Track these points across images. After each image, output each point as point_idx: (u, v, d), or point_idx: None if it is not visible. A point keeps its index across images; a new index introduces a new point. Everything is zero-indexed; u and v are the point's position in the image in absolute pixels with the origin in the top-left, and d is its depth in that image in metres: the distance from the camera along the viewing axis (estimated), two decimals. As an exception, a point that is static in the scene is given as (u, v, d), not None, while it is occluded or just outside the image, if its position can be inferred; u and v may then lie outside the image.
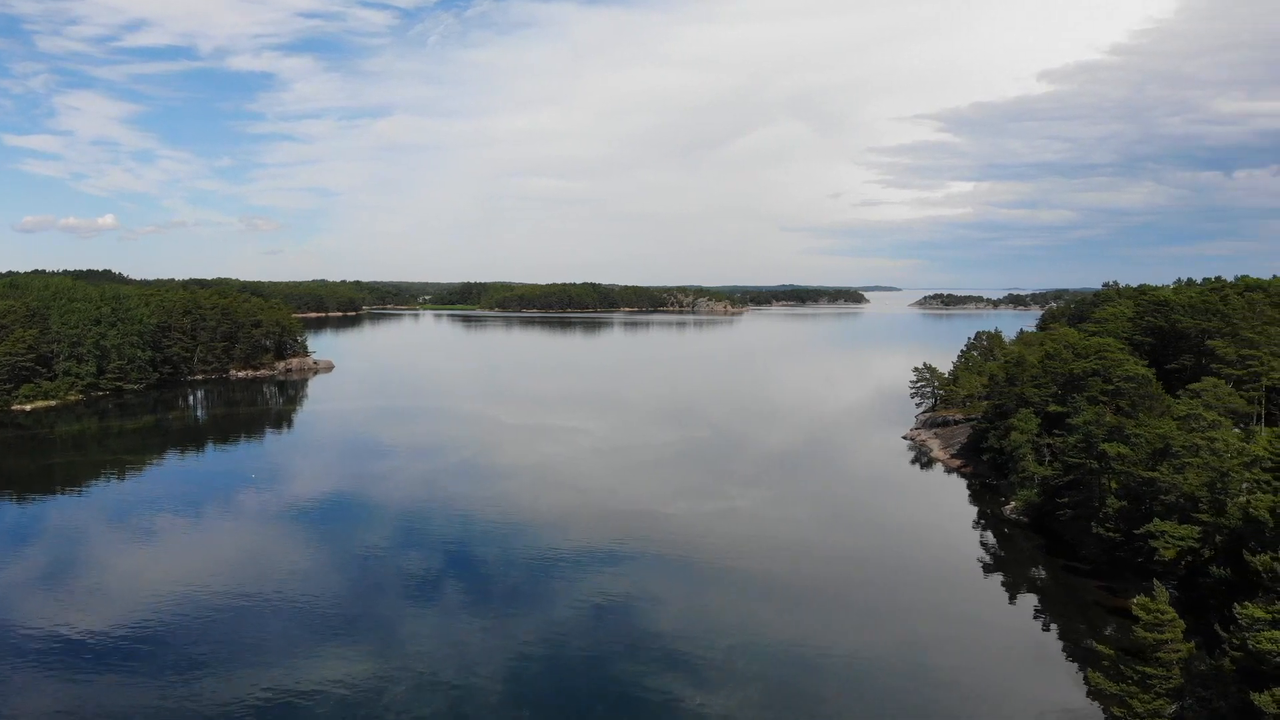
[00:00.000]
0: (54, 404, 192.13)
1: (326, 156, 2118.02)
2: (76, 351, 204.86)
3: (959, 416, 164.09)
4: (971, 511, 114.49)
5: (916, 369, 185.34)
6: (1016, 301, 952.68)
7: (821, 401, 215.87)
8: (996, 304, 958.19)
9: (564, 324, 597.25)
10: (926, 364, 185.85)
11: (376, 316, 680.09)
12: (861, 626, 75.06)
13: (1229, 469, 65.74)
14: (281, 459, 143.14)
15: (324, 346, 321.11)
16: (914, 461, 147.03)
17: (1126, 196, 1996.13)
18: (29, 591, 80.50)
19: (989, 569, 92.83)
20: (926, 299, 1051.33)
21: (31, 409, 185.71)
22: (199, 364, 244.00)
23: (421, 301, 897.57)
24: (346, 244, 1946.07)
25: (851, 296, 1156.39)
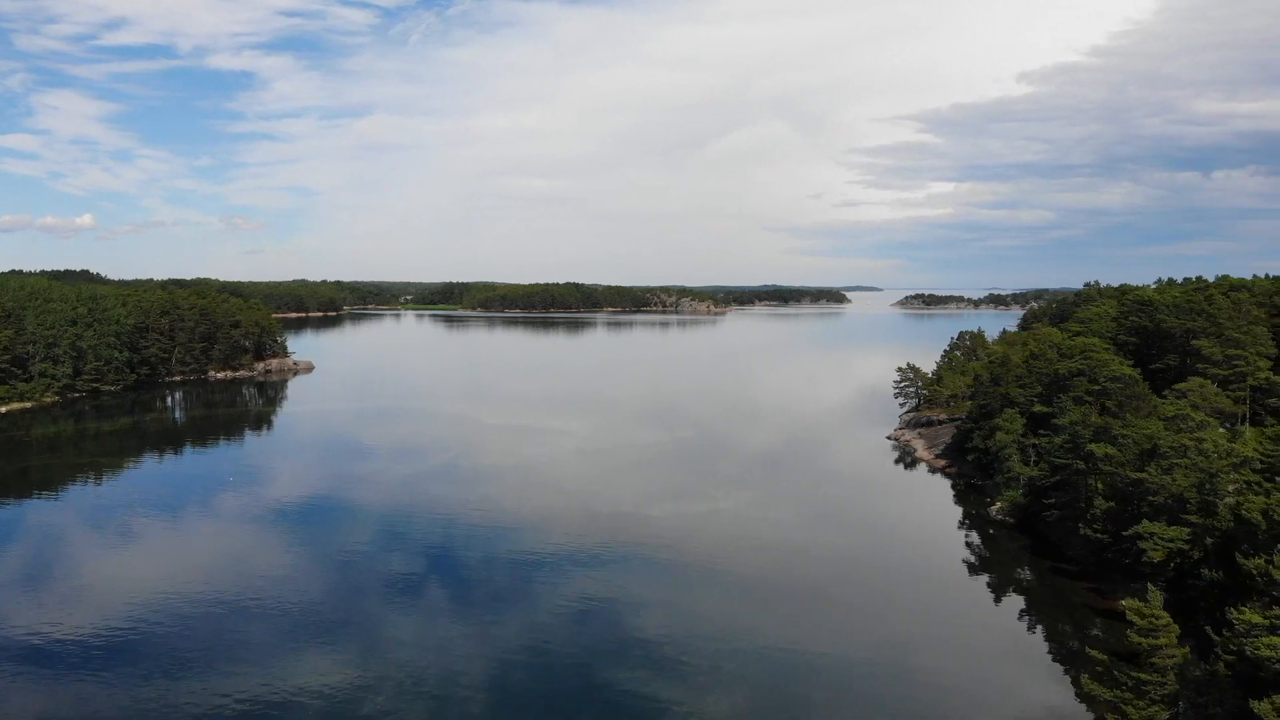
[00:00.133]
0: (29, 406, 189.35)
1: (307, 156, 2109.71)
2: (52, 353, 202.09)
3: (943, 416, 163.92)
4: (957, 512, 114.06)
5: (900, 369, 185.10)
6: (997, 301, 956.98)
7: (805, 401, 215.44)
8: (977, 304, 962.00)
9: (547, 324, 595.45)
10: (910, 364, 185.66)
11: (357, 317, 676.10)
12: (848, 628, 74.52)
13: (1217, 470, 65.36)
14: (261, 461, 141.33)
15: (304, 347, 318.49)
16: (898, 462, 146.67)
17: (1105, 197, 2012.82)
18: (6, 596, 78.78)
19: (976, 570, 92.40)
20: (908, 299, 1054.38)
21: (6, 411, 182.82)
22: (177, 365, 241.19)
23: (403, 301, 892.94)
24: (327, 244, 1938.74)
25: (833, 296, 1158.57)
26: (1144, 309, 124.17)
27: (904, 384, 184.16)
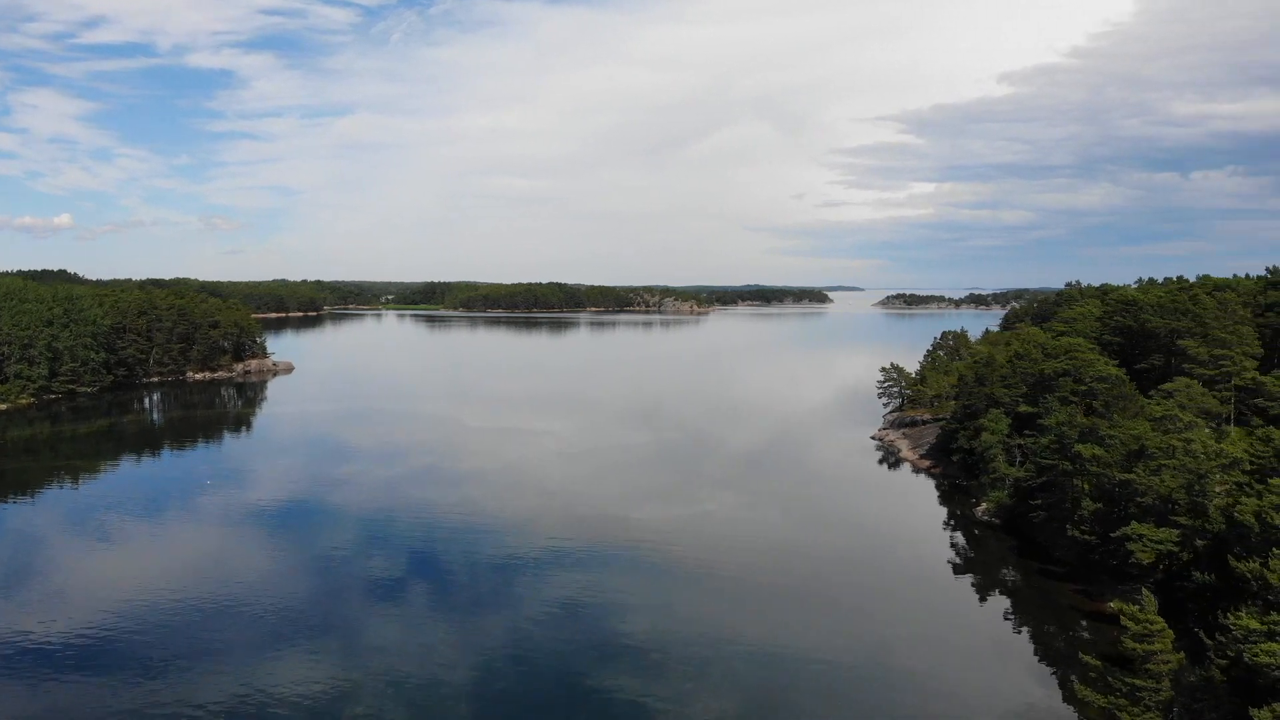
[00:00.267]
0: (4, 408, 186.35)
1: (287, 155, 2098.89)
2: (28, 354, 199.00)
3: (927, 416, 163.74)
4: (942, 513, 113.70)
5: (884, 369, 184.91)
6: (978, 301, 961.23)
7: (789, 401, 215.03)
8: (958, 304, 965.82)
9: (529, 324, 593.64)
10: (894, 364, 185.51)
11: (338, 317, 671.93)
12: (834, 629, 73.92)
13: (1206, 471, 64.99)
14: (240, 464, 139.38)
15: (284, 347, 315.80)
16: (882, 462, 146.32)
17: (1085, 197, 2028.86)
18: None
19: (963, 571, 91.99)
20: (889, 299, 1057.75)
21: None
22: (155, 366, 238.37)
23: (384, 301, 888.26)
24: (308, 243, 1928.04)
25: (816, 296, 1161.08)
26: (1128, 309, 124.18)
27: (887, 384, 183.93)
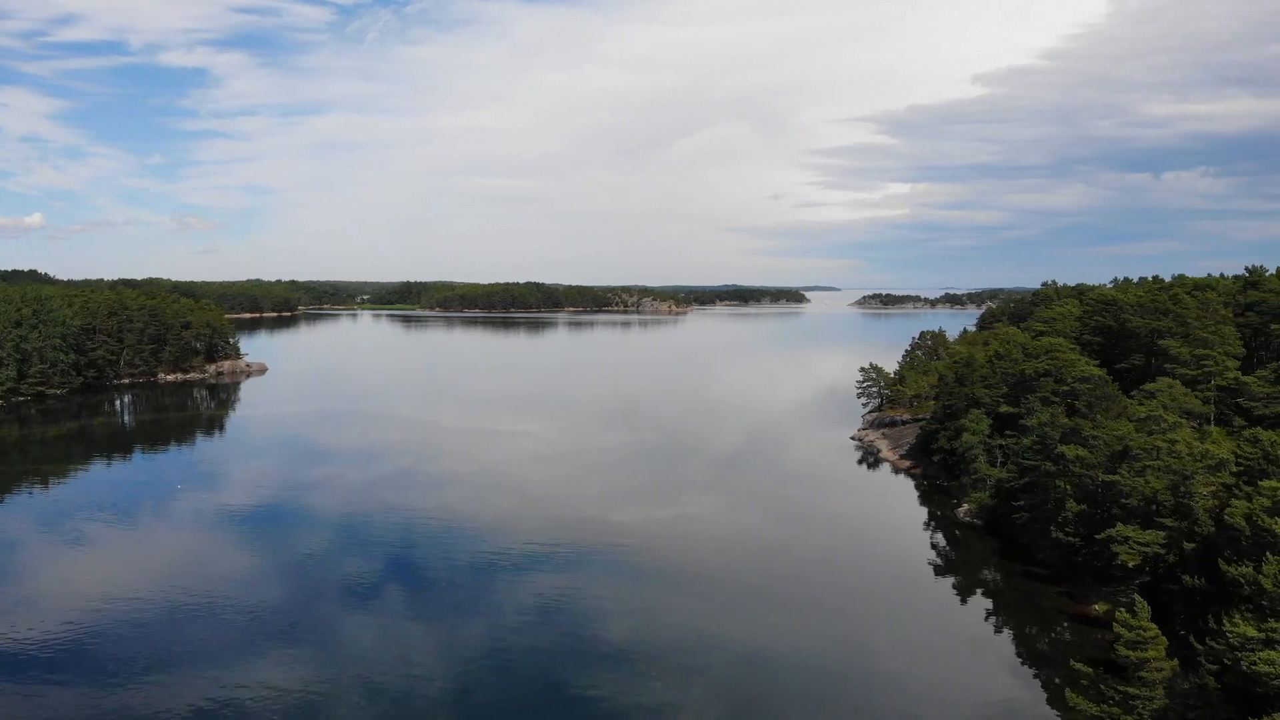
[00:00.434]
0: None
1: (262, 154, 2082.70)
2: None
3: (906, 417, 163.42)
4: (923, 513, 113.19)
5: (863, 369, 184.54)
6: (953, 301, 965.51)
7: (768, 401, 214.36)
8: (934, 303, 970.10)
9: (507, 324, 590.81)
10: (872, 364, 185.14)
11: (313, 317, 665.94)
12: (815, 630, 73.31)
13: (1192, 472, 64.45)
14: (212, 466, 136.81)
15: (257, 348, 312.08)
16: (862, 462, 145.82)
17: (1058, 198, 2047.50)
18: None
19: (945, 572, 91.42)
20: (865, 299, 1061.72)
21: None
22: (125, 367, 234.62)
23: (360, 301, 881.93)
24: (282, 243, 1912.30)
25: (793, 296, 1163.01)
26: (1108, 309, 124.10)
27: (866, 384, 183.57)
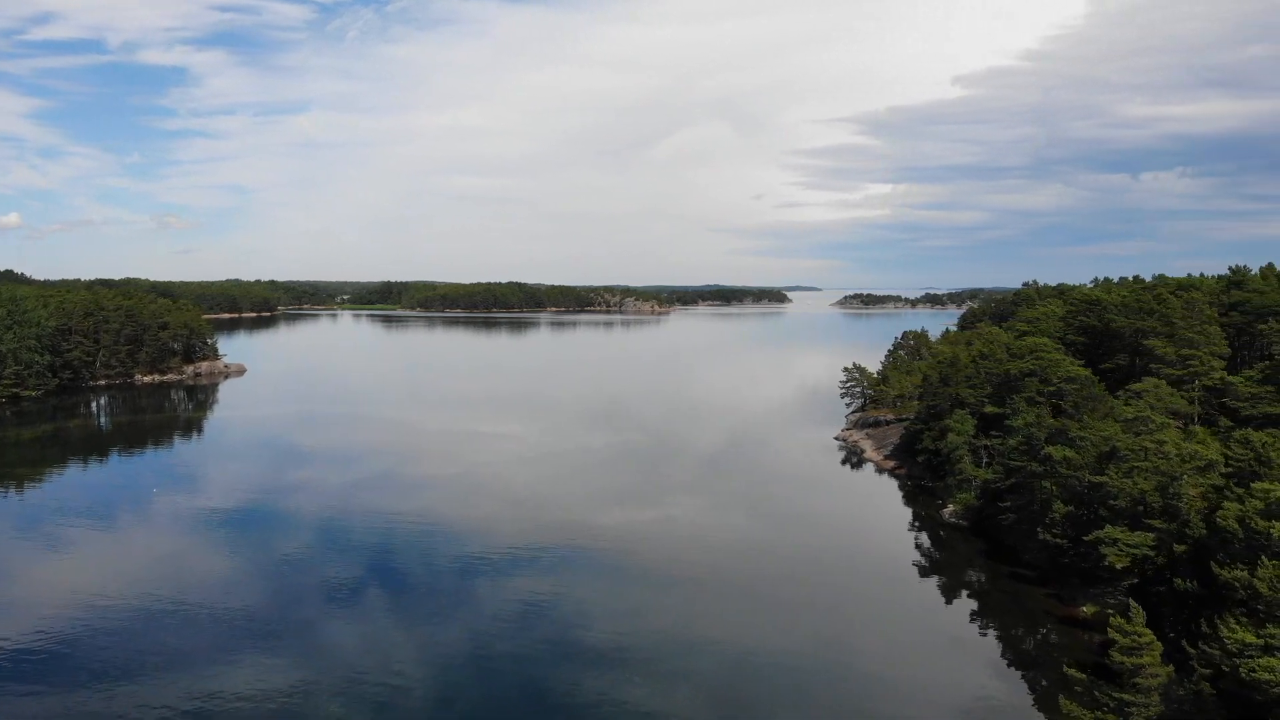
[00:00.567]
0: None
1: (241, 153, 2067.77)
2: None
3: (890, 417, 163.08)
4: (908, 514, 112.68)
5: (846, 369, 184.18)
6: (934, 301, 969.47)
7: (752, 401, 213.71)
8: (914, 303, 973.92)
9: (489, 324, 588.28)
10: (856, 364, 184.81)
11: (292, 317, 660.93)
12: (800, 631, 72.77)
13: (1181, 473, 63.92)
14: (190, 469, 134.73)
15: (236, 349, 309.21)
16: (846, 463, 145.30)
17: (1037, 198, 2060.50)
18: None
19: (931, 573, 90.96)
20: (847, 298, 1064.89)
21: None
22: (102, 368, 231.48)
23: (340, 301, 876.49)
24: (262, 243, 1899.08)
25: (775, 296, 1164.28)
26: (1092, 308, 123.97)
27: (850, 384, 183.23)
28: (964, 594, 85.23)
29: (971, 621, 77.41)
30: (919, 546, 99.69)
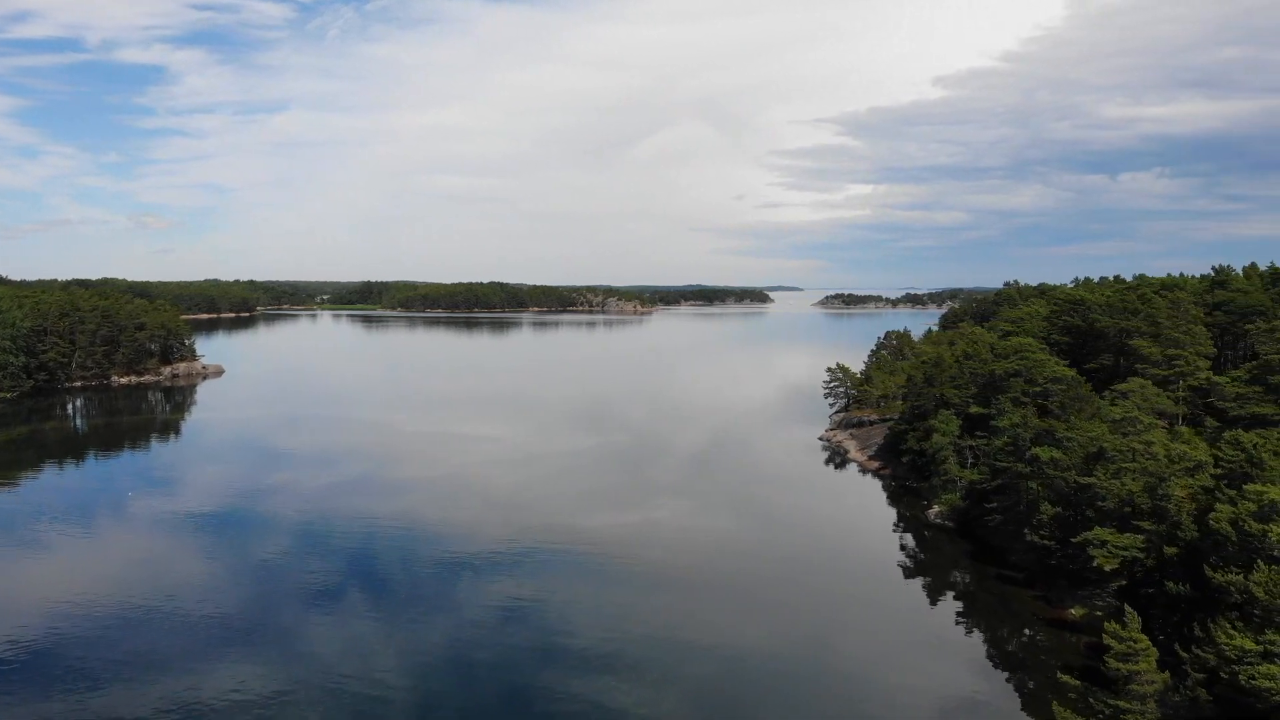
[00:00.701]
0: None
1: (220, 152, 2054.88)
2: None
3: (874, 417, 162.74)
4: (893, 514, 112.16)
5: (830, 369, 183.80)
6: (914, 301, 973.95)
7: (736, 402, 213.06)
8: (895, 303, 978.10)
9: (470, 324, 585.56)
10: (840, 364, 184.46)
11: (272, 317, 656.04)
12: (785, 632, 72.44)
13: (1169, 474, 63.44)
14: (167, 472, 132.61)
15: (214, 350, 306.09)
16: (830, 463, 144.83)
17: (1016, 199, 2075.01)
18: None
19: (917, 575, 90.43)
20: (828, 298, 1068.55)
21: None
22: (77, 369, 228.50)
23: (319, 301, 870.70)
24: (241, 243, 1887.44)
25: (757, 296, 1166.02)
26: (1076, 308, 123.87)
27: (833, 384, 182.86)
28: (950, 595, 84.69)
29: (958, 623, 76.85)
30: (904, 548, 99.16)
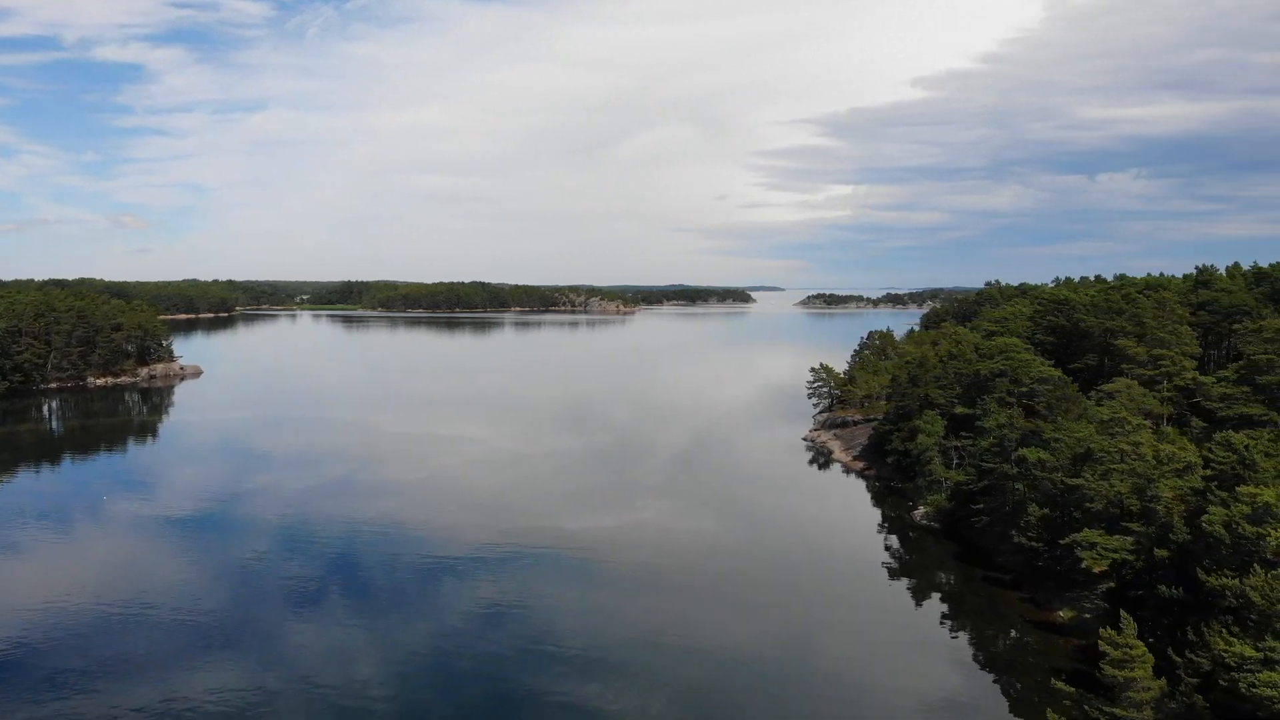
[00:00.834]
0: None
1: (199, 151, 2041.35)
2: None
3: (858, 417, 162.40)
4: (878, 515, 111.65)
5: (813, 369, 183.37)
6: (895, 301, 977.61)
7: (719, 402, 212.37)
8: (876, 303, 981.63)
9: (451, 324, 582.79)
10: (823, 364, 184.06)
11: (251, 318, 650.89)
12: (770, 633, 72.02)
13: (1157, 476, 63.05)
14: (143, 475, 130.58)
15: (192, 350, 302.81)
16: (814, 463, 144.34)
17: (995, 199, 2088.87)
18: None
19: (903, 576, 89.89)
20: (810, 298, 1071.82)
21: None
22: (53, 371, 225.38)
23: (299, 301, 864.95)
24: (220, 242, 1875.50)
25: (739, 296, 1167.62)
26: (1060, 308, 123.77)
27: (817, 384, 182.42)
28: (937, 597, 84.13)
29: (945, 625, 76.32)
30: (890, 549, 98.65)
